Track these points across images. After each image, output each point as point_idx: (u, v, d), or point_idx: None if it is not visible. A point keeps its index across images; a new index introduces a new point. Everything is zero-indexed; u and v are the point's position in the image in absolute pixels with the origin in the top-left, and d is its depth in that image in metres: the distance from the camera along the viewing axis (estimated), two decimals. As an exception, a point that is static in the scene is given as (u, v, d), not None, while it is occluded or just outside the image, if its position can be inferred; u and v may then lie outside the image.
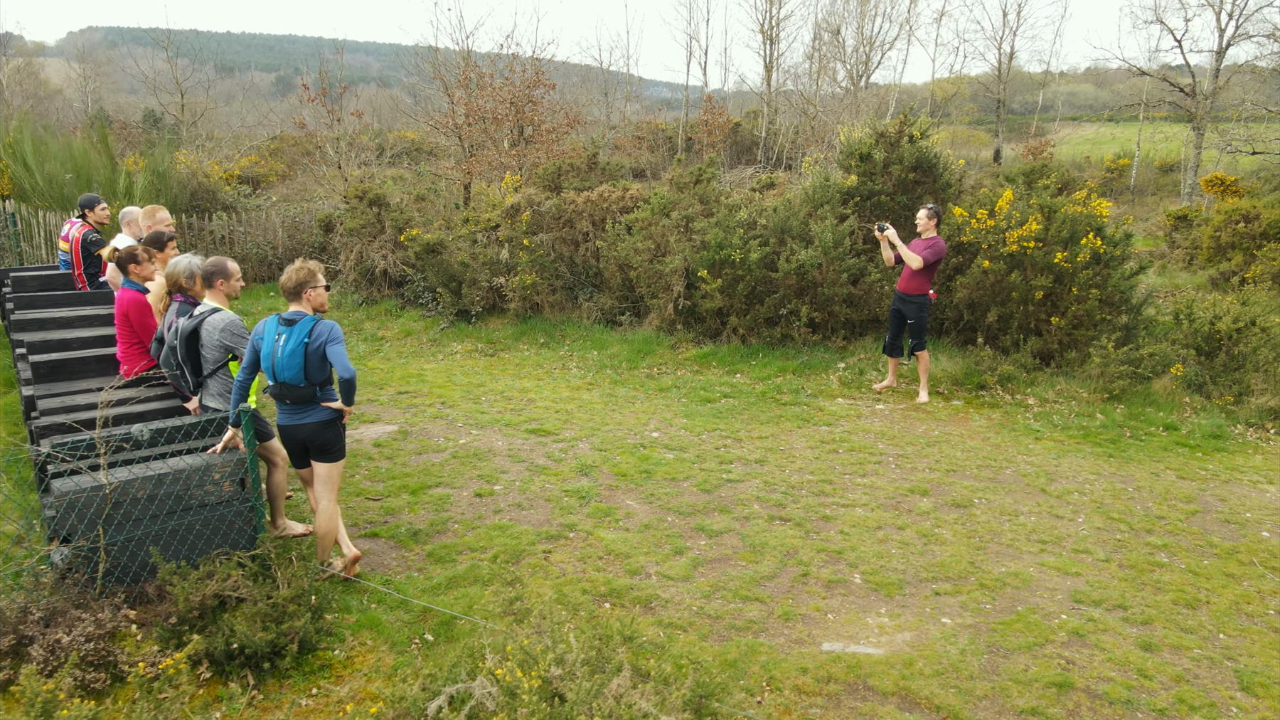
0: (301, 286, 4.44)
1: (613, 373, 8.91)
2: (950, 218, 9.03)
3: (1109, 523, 5.57)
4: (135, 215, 6.92)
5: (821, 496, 5.92)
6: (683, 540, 5.26)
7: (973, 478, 6.30)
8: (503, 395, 8.00)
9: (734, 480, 6.16)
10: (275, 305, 11.69)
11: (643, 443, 6.82)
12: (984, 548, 5.23)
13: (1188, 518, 5.68)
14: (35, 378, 5.82)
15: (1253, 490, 6.19)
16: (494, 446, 6.65)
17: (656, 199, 9.68)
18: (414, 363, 9.23)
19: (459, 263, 10.30)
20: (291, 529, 5.16)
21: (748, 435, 7.10)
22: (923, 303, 7.90)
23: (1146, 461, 6.69)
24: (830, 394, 8.28)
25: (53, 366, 5.87)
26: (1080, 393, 8.01)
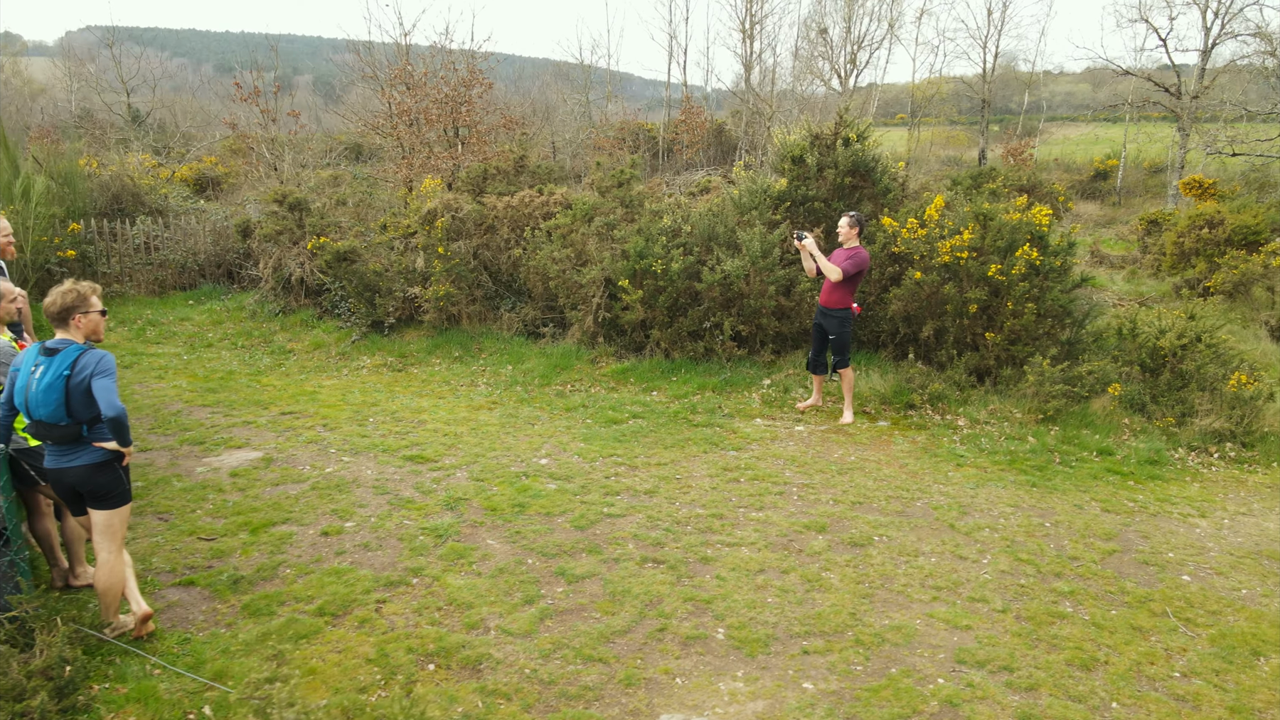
0: (68, 311, 3.92)
1: (522, 390, 8.41)
2: (881, 227, 8.56)
3: (1015, 565, 5.10)
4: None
5: (707, 534, 5.44)
6: (537, 587, 4.77)
7: (879, 511, 5.82)
8: (394, 416, 7.50)
9: (615, 515, 5.67)
10: (186, 316, 11.19)
11: (527, 471, 6.33)
12: (872, 595, 4.75)
13: (1103, 558, 5.21)
14: None
15: (1181, 525, 5.73)
16: (361, 476, 6.15)
17: (578, 204, 9.20)
18: (314, 379, 8.72)
19: (372, 272, 9.79)
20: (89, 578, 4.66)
21: (646, 462, 6.61)
22: (844, 317, 7.43)
23: (1072, 491, 6.22)
24: (749, 414, 7.80)
25: None
26: (1014, 413, 7.55)
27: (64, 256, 11.05)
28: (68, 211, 11.66)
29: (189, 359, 9.31)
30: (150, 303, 11.79)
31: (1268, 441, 7.23)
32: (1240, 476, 6.74)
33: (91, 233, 11.91)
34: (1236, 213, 12.08)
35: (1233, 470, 6.87)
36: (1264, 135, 23.82)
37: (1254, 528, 5.74)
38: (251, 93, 14.25)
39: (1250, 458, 7.08)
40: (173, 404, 7.63)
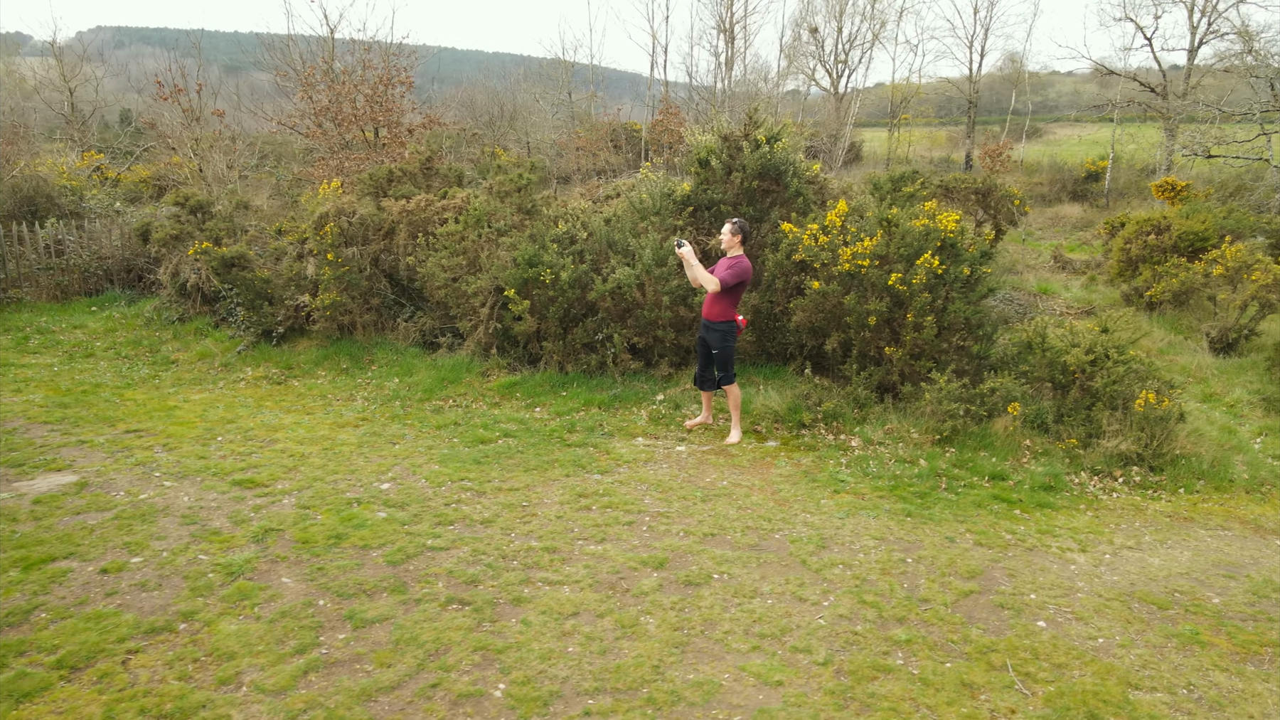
0: None
1: (400, 405, 7.99)
2: (783, 234, 8.14)
3: (857, 608, 4.67)
4: None
5: (531, 570, 5.01)
6: (317, 634, 4.33)
7: (730, 545, 5.39)
8: (246, 434, 7.07)
9: (438, 548, 5.24)
10: (82, 323, 10.75)
11: (362, 497, 5.90)
12: (687, 644, 4.32)
13: (957, 600, 4.78)
14: None
15: (1056, 561, 5.30)
16: (176, 503, 5.72)
17: (471, 209, 8.77)
18: (184, 392, 8.29)
19: (260, 279, 9.37)
20: None
21: (497, 486, 6.18)
22: (727, 330, 7.02)
23: (949, 522, 5.79)
24: (632, 432, 7.38)
25: None
26: (911, 433, 7.12)
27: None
28: None
29: (60, 370, 8.88)
30: (48, 309, 11.37)
31: (1178, 465, 6.80)
32: (1140, 504, 6.31)
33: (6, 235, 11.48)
34: (1185, 218, 11.65)
35: (1134, 497, 6.45)
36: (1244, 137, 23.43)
37: (1136, 564, 5.31)
38: (173, 91, 13.82)
39: (1156, 483, 6.65)
40: (13, 420, 7.20)
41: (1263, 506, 6.35)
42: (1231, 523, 6.04)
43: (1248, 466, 6.92)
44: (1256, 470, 6.85)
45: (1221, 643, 4.40)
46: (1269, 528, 5.96)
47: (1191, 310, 10.51)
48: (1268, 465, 7.01)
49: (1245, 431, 7.87)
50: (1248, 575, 5.19)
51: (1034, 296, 13.26)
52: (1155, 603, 4.81)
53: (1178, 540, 5.70)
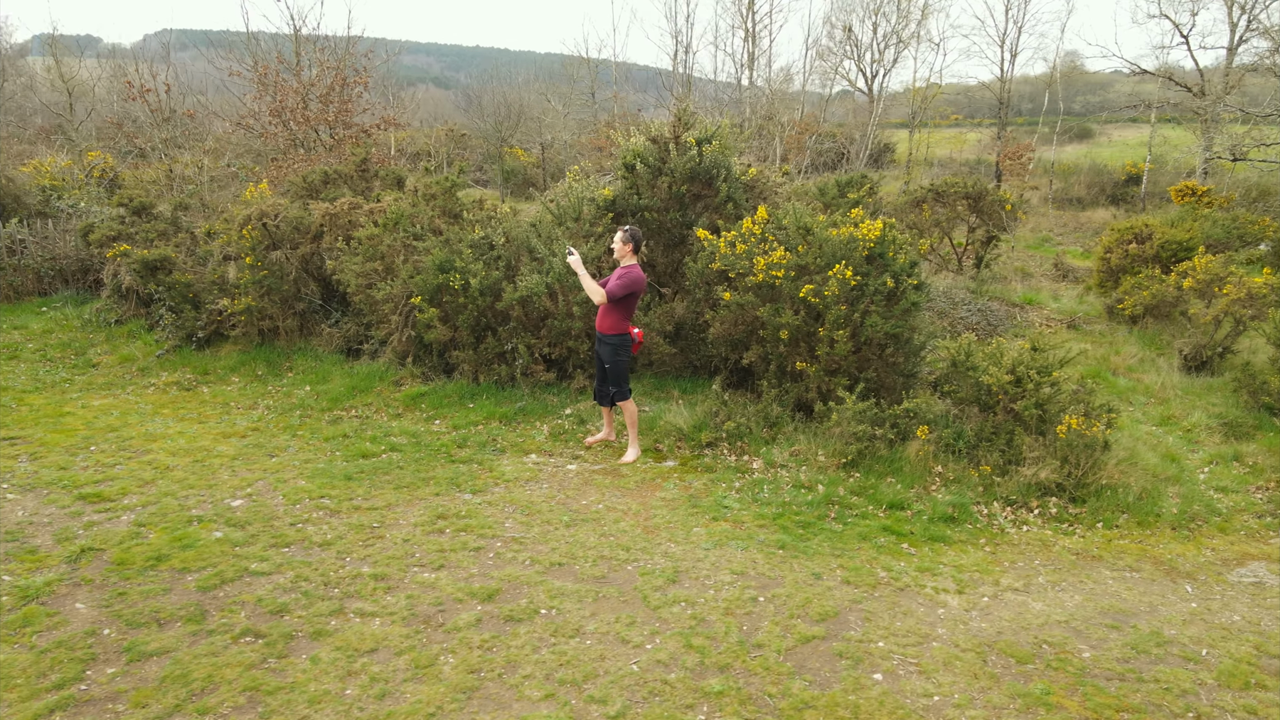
0: None
1: (299, 414, 7.75)
2: (698, 242, 7.78)
3: (680, 652, 4.30)
4: None
5: (349, 600, 4.72)
6: (85, 667, 4.07)
7: (575, 576, 5.05)
8: (122, 444, 6.88)
9: (261, 573, 4.97)
10: (24, 324, 10.71)
11: (206, 515, 5.65)
12: (477, 689, 3.99)
13: (796, 647, 4.39)
14: None
15: (924, 604, 4.88)
16: (7, 518, 5.52)
17: (389, 212, 8.53)
18: (87, 398, 8.15)
19: (183, 283, 9.22)
20: None
21: (357, 505, 5.90)
22: (619, 343, 6.68)
23: (824, 556, 5.39)
24: (527, 448, 7.06)
25: None
26: (819, 456, 6.71)
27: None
28: None
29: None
30: (25, 308, 11.37)
31: (1102, 497, 6.31)
32: (1050, 539, 5.84)
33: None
34: (1171, 226, 11.02)
35: (1045, 531, 5.97)
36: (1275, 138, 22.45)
37: (1015, 609, 4.87)
38: (140, 90, 13.82)
39: (1075, 516, 6.17)
40: (-105, 425, 7.11)
41: (1185, 545, 5.84)
42: (1144, 563, 5.55)
43: (1182, 499, 6.40)
44: (1190, 504, 6.33)
45: (1073, 706, 3.96)
46: (1184, 570, 5.47)
47: (1170, 325, 9.91)
48: (1205, 498, 6.48)
49: (1196, 459, 7.32)
50: (1134, 626, 4.72)
51: (1015, 308, 12.68)
52: (1016, 655, 4.37)
53: (1073, 582, 5.23)
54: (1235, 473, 6.97)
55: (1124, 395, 8.86)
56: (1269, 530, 6.09)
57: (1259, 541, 5.92)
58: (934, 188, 15.60)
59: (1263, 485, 6.75)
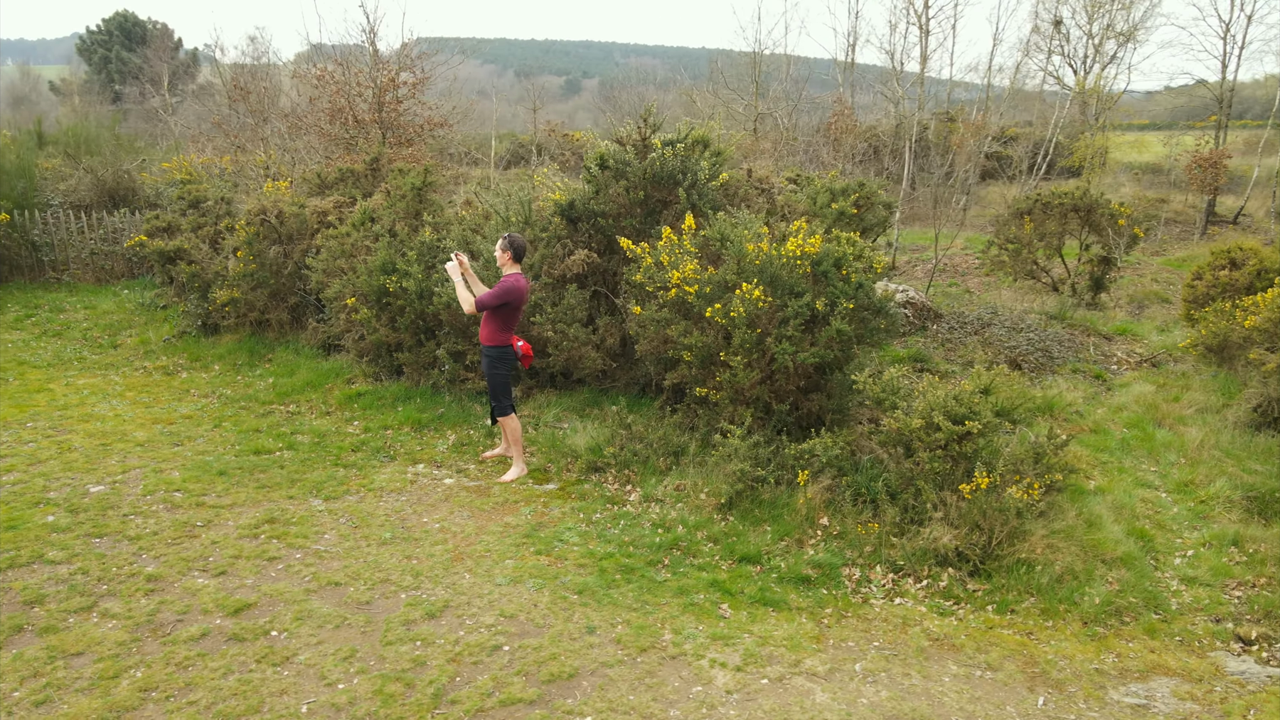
0: None
1: (241, 406, 7.98)
2: (619, 250, 7.28)
3: (363, 698, 3.96)
4: None
5: (107, 599, 4.73)
6: None
7: (339, 600, 4.81)
8: (56, 422, 7.34)
9: (52, 560, 5.07)
10: (95, 304, 11.78)
11: (59, 498, 5.87)
12: (131, 711, 3.85)
13: (492, 709, 3.93)
14: None
15: (686, 678, 4.24)
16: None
17: (358, 211, 8.63)
18: (78, 376, 8.79)
19: (191, 272, 9.79)
20: None
21: (203, 502, 5.94)
22: (498, 355, 6.37)
23: (619, 608, 4.83)
24: (419, 457, 6.89)
25: None
26: (701, 493, 6.08)
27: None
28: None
29: (7, 346, 9.77)
30: (83, 290, 12.61)
31: (1013, 574, 5.28)
32: (915, 618, 4.94)
33: (42, 223, 12.91)
34: (1277, 249, 9.12)
35: (919, 608, 5.07)
36: None
37: (790, 697, 4.13)
38: (242, 93, 14.89)
39: (968, 593, 5.20)
40: (-104, 390, 7.97)
41: (1084, 646, 4.76)
42: (1011, 661, 4.57)
43: (1119, 588, 5.24)
44: (1125, 595, 5.17)
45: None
46: (1055, 677, 4.45)
47: (1242, 368, 8.22)
48: (1152, 590, 5.27)
49: (1188, 538, 6.00)
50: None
51: (1100, 339, 11.08)
52: (732, 757, 3.69)
53: (896, 675, 4.39)
54: (1224, 561, 5.63)
55: (1156, 451, 7.45)
56: (1215, 639, 4.85)
57: (1190, 653, 4.73)
58: (1039, 198, 14.01)
59: (1249, 581, 5.41)
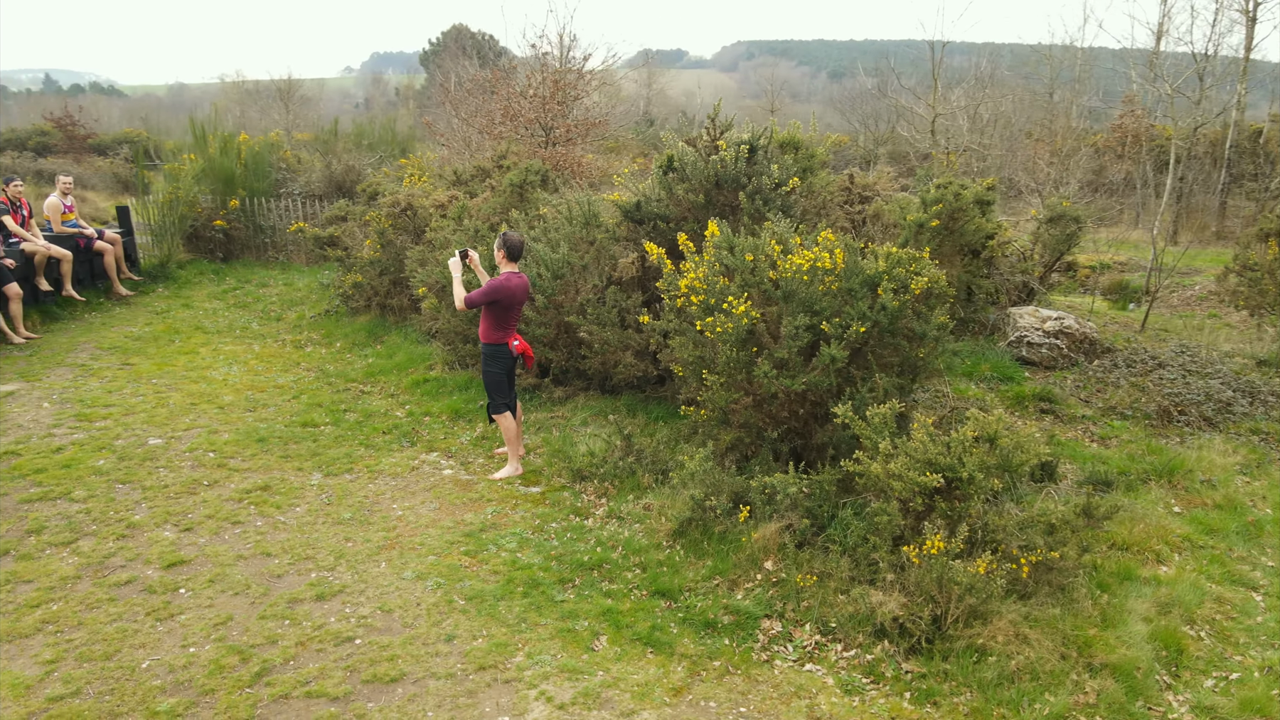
0: None
1: (333, 381, 8.72)
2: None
3: (180, 656, 4.22)
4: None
5: (81, 539, 5.43)
6: (-121, 533, 5.37)
7: (251, 570, 5.15)
8: (174, 380, 8.48)
9: (74, 499, 5.93)
10: (293, 282, 13.45)
11: (121, 446, 6.81)
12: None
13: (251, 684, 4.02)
14: None
15: (503, 700, 4.05)
16: (15, 416, 7.27)
17: (455, 207, 9.10)
18: (228, 343, 10.06)
19: (336, 256, 10.85)
20: None
21: (226, 464, 6.61)
22: (491, 353, 6.46)
23: (496, 621, 4.70)
24: (439, 445, 7.16)
25: None
26: (664, 516, 5.74)
27: (217, 225, 14.17)
28: (226, 189, 14.65)
29: (201, 312, 11.42)
30: (292, 269, 14.47)
31: (960, 660, 4.41)
32: (808, 692, 4.30)
33: (268, 209, 14.94)
34: None
35: (823, 680, 4.41)
36: None
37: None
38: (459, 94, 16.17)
39: (896, 673, 4.44)
40: (84, 347, 9.63)
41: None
42: (886, 763, 3.85)
43: (1096, 703, 4.20)
44: (1096, 714, 4.14)
45: None
46: (925, 792, 3.69)
47: None
48: (1136, 714, 4.16)
49: (1244, 659, 4.66)
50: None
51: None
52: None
53: (729, 749, 3.87)
54: (1274, 694, 4.30)
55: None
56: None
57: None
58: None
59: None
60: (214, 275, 13.60)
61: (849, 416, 5.36)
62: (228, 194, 14.54)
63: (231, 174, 14.65)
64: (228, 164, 14.58)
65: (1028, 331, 9.45)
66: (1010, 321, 9.68)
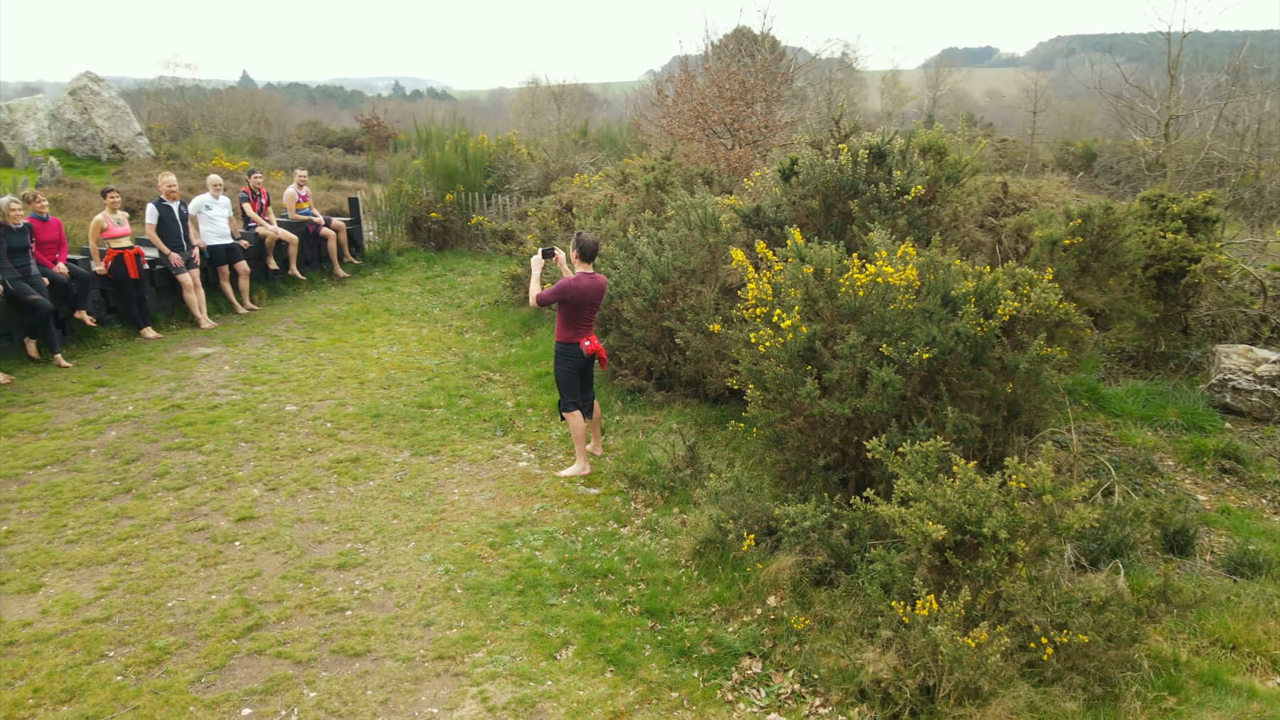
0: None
1: (470, 367, 9.26)
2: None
3: (208, 598, 4.74)
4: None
5: (186, 488, 6.27)
6: (68, 455, 6.54)
7: (304, 535, 5.65)
8: (341, 354, 9.45)
9: (203, 451, 6.83)
10: (489, 271, 14.45)
11: (261, 409, 7.72)
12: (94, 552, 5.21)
13: (231, 650, 4.40)
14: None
15: (443, 693, 4.15)
16: (198, 376, 8.46)
17: (598, 203, 9.30)
18: (405, 323, 11.01)
19: (505, 250, 11.50)
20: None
21: (339, 436, 7.27)
22: (560, 351, 6.62)
23: (478, 616, 4.82)
24: (528, 439, 7.39)
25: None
26: (693, 534, 5.55)
27: (433, 217, 15.49)
28: (446, 184, 15.93)
29: (394, 295, 12.59)
30: (496, 259, 15.43)
31: (943, 743, 3.88)
32: (760, 743, 3.99)
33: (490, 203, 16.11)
34: None
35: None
36: None
37: (492, 756, 3.80)
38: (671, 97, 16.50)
39: (866, 743, 3.98)
40: (283, 321, 10.98)
41: None
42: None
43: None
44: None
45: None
46: None
47: None
48: None
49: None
50: None
51: None
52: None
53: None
54: None
55: None
56: None
57: None
58: None
59: None
60: (425, 263, 14.94)
61: (880, 451, 4.85)
62: (447, 188, 15.89)
63: (454, 170, 15.99)
64: (451, 161, 15.92)
65: (1234, 375, 7.94)
66: (1214, 361, 8.19)
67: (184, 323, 10.56)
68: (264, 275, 12.21)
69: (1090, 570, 5.20)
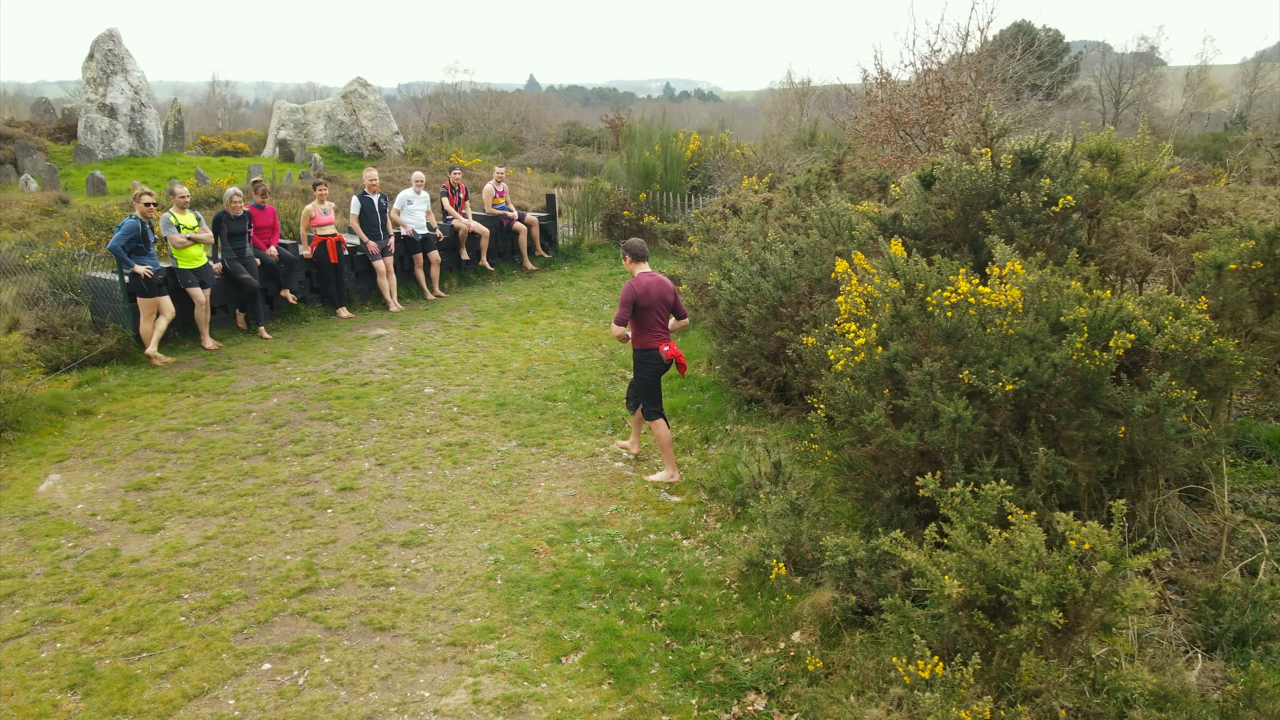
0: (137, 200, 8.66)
1: (608, 364, 9.42)
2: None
3: (272, 559, 5.23)
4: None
5: (315, 453, 6.92)
6: (233, 416, 7.48)
7: (388, 511, 6.05)
8: (498, 342, 9.96)
9: (340, 423, 7.52)
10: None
11: (403, 389, 8.33)
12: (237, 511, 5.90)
13: (249, 631, 4.78)
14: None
15: (439, 678, 4.31)
16: (378, 354, 9.26)
17: (749, 206, 9.10)
18: (568, 319, 11.34)
19: (676, 247, 11.58)
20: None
21: (462, 422, 7.69)
22: (638, 358, 6.73)
23: (507, 609, 4.93)
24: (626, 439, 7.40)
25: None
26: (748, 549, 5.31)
27: (625, 215, 15.80)
28: (644, 183, 16.16)
29: (560, 289, 13.04)
30: (681, 255, 15.60)
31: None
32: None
33: (666, 201, 16.23)
34: None
35: (759, 780, 3.79)
36: None
37: (458, 747, 3.89)
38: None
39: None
40: (459, 308, 11.73)
41: None
42: None
43: None
44: None
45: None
46: None
47: None
48: None
49: None
50: None
51: None
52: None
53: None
54: None
55: None
56: None
57: None
58: None
59: None
60: (613, 259, 15.34)
61: (934, 489, 4.37)
62: (645, 187, 16.20)
63: (651, 169, 16.27)
64: (648, 160, 16.22)
65: None
66: None
67: (376, 305, 11.64)
68: (456, 265, 13.15)
69: (1206, 657, 4.37)
